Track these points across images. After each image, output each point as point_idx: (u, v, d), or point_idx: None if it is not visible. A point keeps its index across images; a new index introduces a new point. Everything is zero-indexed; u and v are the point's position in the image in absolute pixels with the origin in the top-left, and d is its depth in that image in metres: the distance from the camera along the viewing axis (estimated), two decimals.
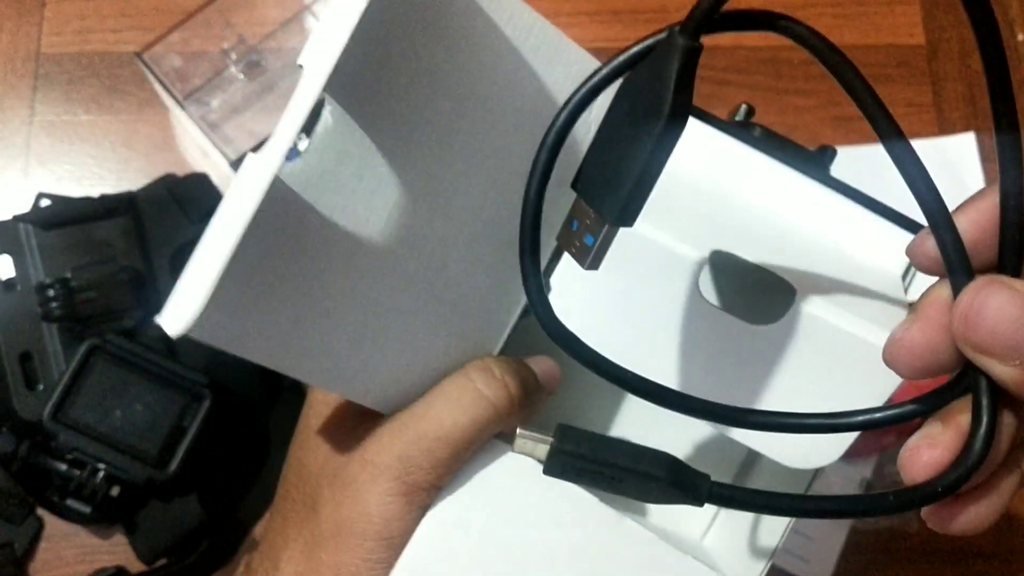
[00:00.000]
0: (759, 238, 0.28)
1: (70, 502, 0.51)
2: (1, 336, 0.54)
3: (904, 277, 0.31)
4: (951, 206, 0.26)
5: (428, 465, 0.28)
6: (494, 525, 0.29)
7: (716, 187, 0.30)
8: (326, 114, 0.24)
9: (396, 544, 0.29)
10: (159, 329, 0.23)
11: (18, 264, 0.55)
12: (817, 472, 0.32)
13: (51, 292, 0.53)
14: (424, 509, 0.29)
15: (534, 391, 0.31)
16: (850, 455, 0.57)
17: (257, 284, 0.24)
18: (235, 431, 0.54)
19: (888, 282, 0.30)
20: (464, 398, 0.29)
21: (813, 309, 0.27)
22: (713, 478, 0.32)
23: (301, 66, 0.23)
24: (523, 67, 0.29)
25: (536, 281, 0.26)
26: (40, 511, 0.55)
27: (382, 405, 0.29)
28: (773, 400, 0.28)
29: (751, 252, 0.28)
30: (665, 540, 0.30)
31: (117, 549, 0.55)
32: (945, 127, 0.64)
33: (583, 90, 0.24)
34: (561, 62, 0.29)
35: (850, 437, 0.29)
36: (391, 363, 0.29)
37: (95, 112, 0.62)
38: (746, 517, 0.34)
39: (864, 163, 0.63)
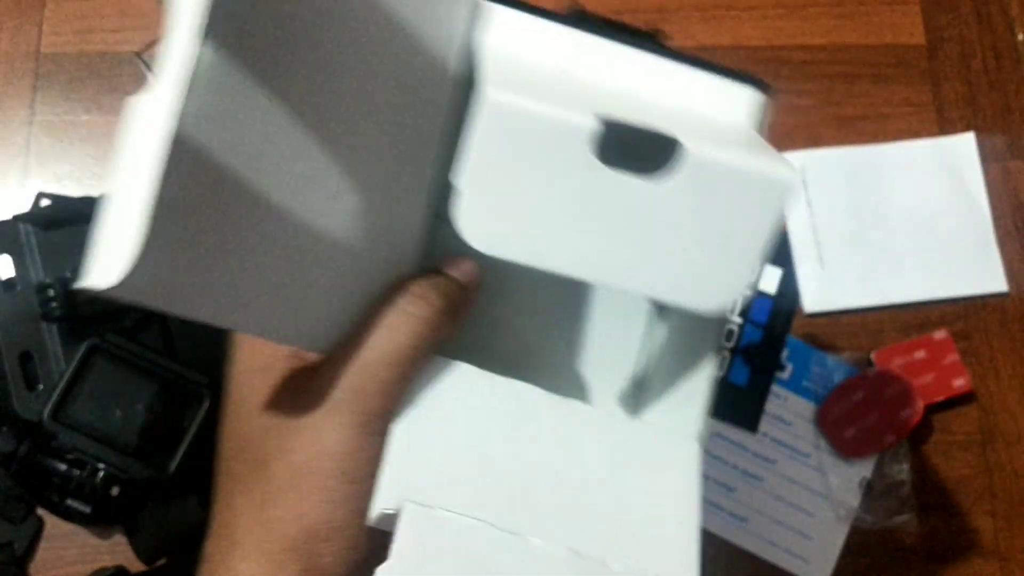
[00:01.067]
0: (619, 107, 0.30)
1: (70, 502, 0.51)
2: (1, 336, 0.54)
3: (757, 129, 0.33)
4: (950, 205, 0.26)
5: (378, 391, 0.29)
6: (458, 432, 0.30)
7: (566, 69, 0.32)
8: (202, 55, 0.24)
9: (358, 478, 0.29)
10: (159, 329, 0.22)
11: (18, 264, 0.55)
12: (721, 321, 0.34)
13: (51, 292, 0.53)
14: (381, 437, 0.29)
15: (457, 294, 0.32)
16: (850, 455, 0.57)
17: (176, 233, 0.24)
18: None
19: (744, 132, 0.32)
20: (394, 321, 0.30)
21: (699, 152, 0.29)
22: (624, 345, 0.37)
23: None
24: None
25: None
26: (40, 511, 0.55)
27: (314, 344, 0.30)
28: (679, 239, 0.30)
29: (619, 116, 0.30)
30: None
31: (117, 549, 0.55)
32: (945, 127, 0.64)
33: None
34: None
35: (748, 274, 0.30)
36: (314, 300, 0.29)
37: (95, 112, 0.62)
38: (664, 395, 0.36)
39: (865, 162, 0.63)
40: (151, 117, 0.23)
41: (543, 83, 0.31)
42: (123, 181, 0.23)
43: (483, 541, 0.29)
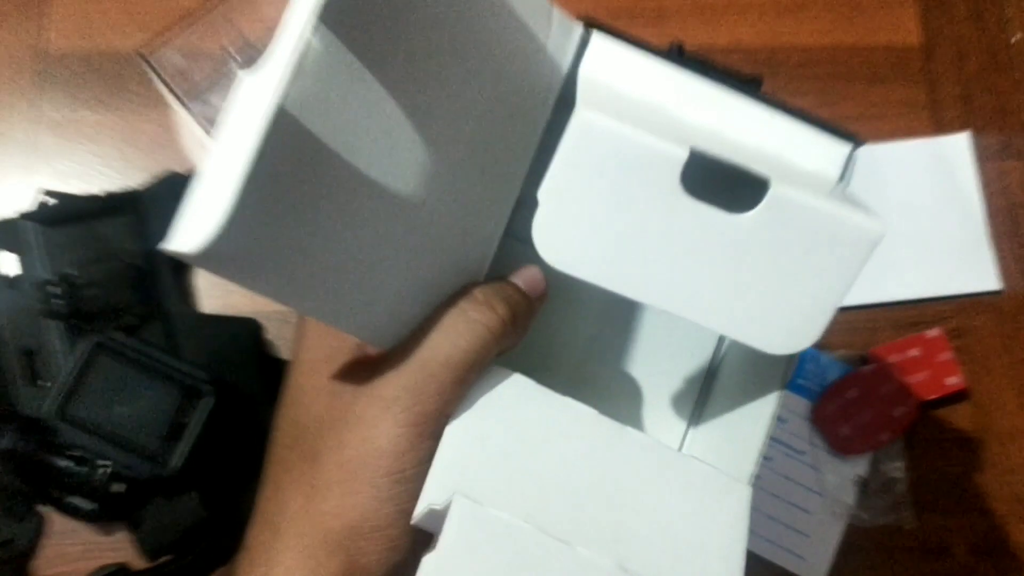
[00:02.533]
0: (709, 144, 0.30)
1: (73, 499, 0.51)
2: (6, 332, 0.54)
3: (840, 180, 0.33)
4: (945, 204, 0.27)
5: (435, 392, 0.29)
6: (510, 442, 0.30)
7: (660, 103, 0.33)
8: (314, 40, 0.24)
9: (407, 478, 0.29)
10: (162, 326, 0.22)
11: (23, 261, 0.55)
12: (790, 361, 0.33)
13: (55, 289, 0.53)
14: (434, 441, 0.29)
15: (522, 305, 0.32)
16: (845, 452, 0.57)
17: (267, 208, 0.24)
18: (237, 428, 0.55)
19: (829, 184, 0.33)
20: (458, 325, 0.30)
21: (788, 194, 0.29)
22: (684, 374, 0.37)
23: None
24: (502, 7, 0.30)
25: None
26: (43, 508, 0.55)
27: (379, 339, 0.30)
28: (759, 279, 0.30)
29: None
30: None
31: (120, 546, 0.55)
32: (941, 126, 0.65)
33: None
34: (535, 9, 0.32)
35: (826, 319, 0.30)
36: (386, 295, 0.29)
37: (99, 111, 0.62)
38: (720, 428, 0.36)
39: (860, 161, 0.64)
40: (258, 94, 0.23)
41: (636, 110, 0.31)
42: (221, 153, 0.23)
43: (531, 544, 0.28)
